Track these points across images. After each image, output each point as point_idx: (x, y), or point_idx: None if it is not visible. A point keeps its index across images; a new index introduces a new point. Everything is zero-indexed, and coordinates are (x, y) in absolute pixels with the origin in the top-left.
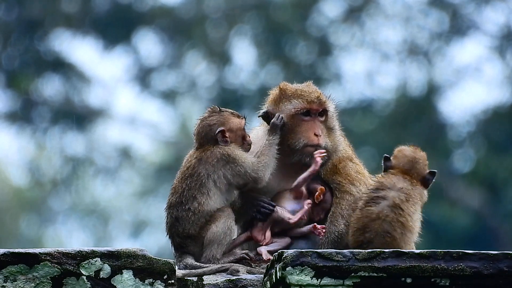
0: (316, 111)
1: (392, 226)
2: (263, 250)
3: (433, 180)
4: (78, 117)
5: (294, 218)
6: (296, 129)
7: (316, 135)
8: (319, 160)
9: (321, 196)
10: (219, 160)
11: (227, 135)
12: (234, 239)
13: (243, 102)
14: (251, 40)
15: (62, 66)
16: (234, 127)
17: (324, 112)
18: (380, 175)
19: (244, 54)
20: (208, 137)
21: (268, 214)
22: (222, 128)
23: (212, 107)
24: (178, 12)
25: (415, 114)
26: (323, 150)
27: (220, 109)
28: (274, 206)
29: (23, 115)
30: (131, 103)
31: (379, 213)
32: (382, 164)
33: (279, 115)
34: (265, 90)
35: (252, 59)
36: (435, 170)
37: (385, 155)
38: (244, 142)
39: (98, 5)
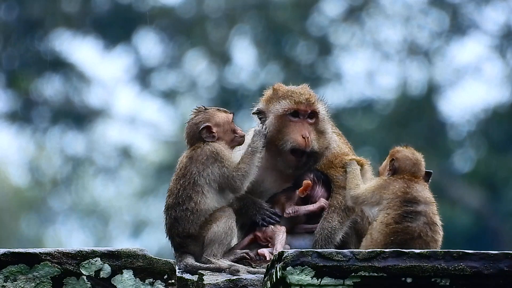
0: (304, 112)
1: (429, 245)
2: (266, 251)
3: (429, 181)
4: (78, 117)
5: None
6: (284, 130)
7: (303, 137)
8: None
9: (307, 191)
10: (208, 157)
11: (214, 130)
12: (237, 243)
13: (243, 102)
14: (251, 40)
15: (62, 66)
16: (221, 122)
17: (313, 114)
18: (387, 177)
19: (244, 54)
20: (196, 136)
21: (272, 224)
22: (207, 124)
23: (197, 107)
24: (178, 12)
25: (415, 114)
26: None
27: (205, 108)
28: (279, 218)
29: (23, 115)
30: (131, 103)
31: (421, 232)
32: (391, 167)
33: (263, 125)
34: (265, 90)
35: (252, 59)
36: (431, 171)
37: (392, 158)
38: (236, 135)
39: (98, 5)
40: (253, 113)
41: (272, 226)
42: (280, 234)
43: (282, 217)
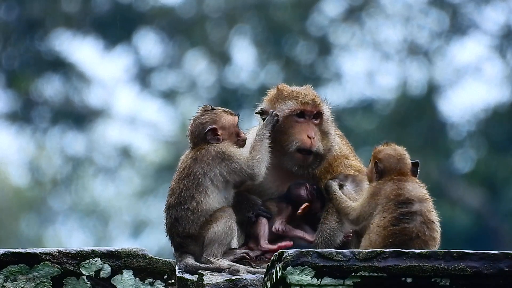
0: (310, 113)
1: (428, 244)
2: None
3: (418, 172)
4: (78, 117)
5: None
6: (290, 131)
7: (309, 137)
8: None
9: (305, 210)
10: (214, 158)
11: (219, 133)
12: (234, 248)
13: (243, 102)
14: (251, 40)
15: (62, 66)
16: (227, 124)
17: (318, 114)
18: (376, 183)
19: (244, 54)
20: (201, 136)
21: (267, 218)
22: (213, 126)
23: (204, 106)
24: (178, 12)
25: (415, 114)
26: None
27: (212, 108)
28: (270, 215)
29: (23, 115)
30: (131, 103)
31: (418, 232)
32: (376, 170)
33: (273, 112)
34: (265, 90)
35: (252, 59)
36: (417, 161)
37: (376, 161)
38: (239, 139)
39: (99, 5)
40: (257, 113)
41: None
42: (261, 227)
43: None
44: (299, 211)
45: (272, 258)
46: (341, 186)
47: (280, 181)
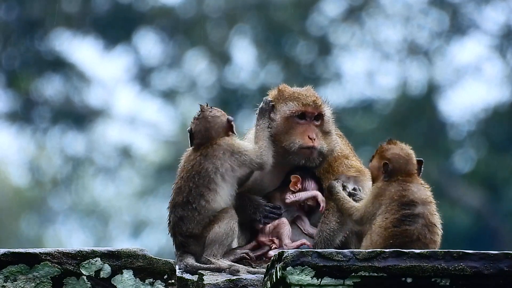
0: (311, 114)
1: (428, 247)
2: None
3: (422, 170)
4: (78, 117)
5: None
6: (291, 131)
7: (310, 138)
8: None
9: (298, 185)
10: (225, 151)
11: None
12: (237, 247)
13: (243, 102)
14: (251, 40)
15: (62, 66)
16: (229, 119)
17: (319, 116)
18: (381, 184)
19: (244, 54)
20: (215, 129)
21: (275, 219)
22: (229, 117)
23: (202, 105)
24: (178, 12)
25: (415, 114)
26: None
27: (210, 106)
28: (281, 211)
29: (23, 115)
30: (131, 103)
31: (419, 235)
32: (385, 171)
33: (266, 99)
34: (265, 89)
35: (252, 59)
36: (421, 159)
37: (384, 161)
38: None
39: (98, 5)
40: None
41: (274, 223)
42: (285, 227)
43: (282, 211)
44: (290, 185)
45: (272, 258)
46: (343, 187)
47: (278, 179)
